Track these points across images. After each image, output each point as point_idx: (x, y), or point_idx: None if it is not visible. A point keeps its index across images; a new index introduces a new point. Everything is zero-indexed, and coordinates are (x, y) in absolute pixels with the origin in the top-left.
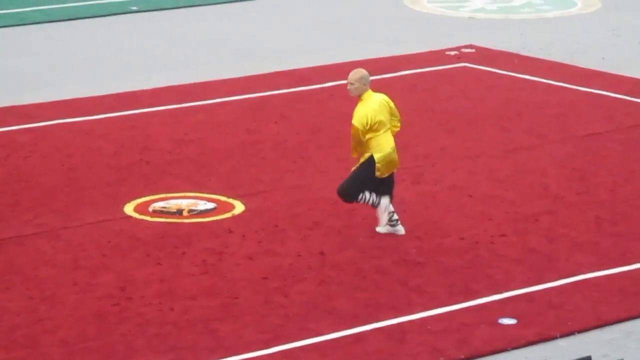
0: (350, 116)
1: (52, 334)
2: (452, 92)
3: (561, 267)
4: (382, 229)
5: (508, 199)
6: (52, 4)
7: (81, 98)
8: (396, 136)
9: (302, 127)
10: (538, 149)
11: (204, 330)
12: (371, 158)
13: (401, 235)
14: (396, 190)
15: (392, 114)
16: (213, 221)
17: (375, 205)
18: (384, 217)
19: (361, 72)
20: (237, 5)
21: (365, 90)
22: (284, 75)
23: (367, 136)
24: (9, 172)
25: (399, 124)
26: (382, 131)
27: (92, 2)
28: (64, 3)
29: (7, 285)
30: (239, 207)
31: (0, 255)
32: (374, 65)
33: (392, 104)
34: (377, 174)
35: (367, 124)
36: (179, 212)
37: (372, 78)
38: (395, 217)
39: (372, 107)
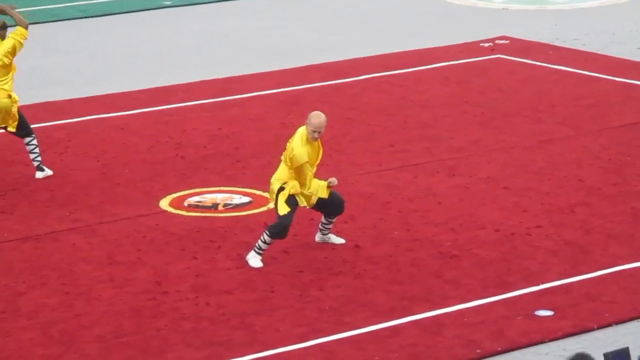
0: (383, 110)
1: (89, 329)
2: (485, 84)
3: (597, 258)
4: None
5: (543, 191)
6: (86, 0)
7: (115, 93)
8: (429, 128)
9: (336, 120)
10: (572, 140)
11: (239, 324)
12: None
13: (434, 229)
14: (431, 182)
15: None
16: (248, 215)
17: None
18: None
19: (323, 117)
20: (269, 0)
21: None
22: (317, 68)
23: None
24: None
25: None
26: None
27: None
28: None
29: (43, 281)
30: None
31: (36, 251)
32: (406, 58)
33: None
34: None
35: None
36: (214, 207)
37: (405, 71)
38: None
39: None
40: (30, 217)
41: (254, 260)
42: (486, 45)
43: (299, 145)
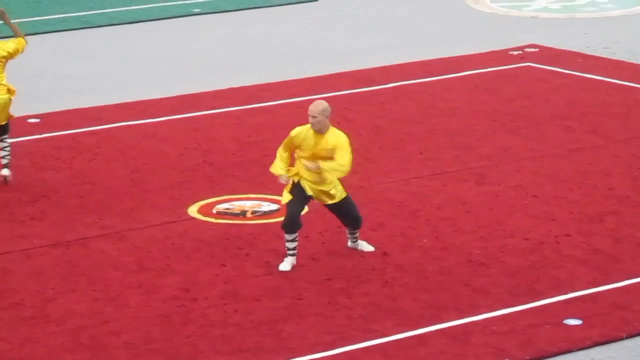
0: (412, 117)
1: (118, 335)
2: (515, 92)
3: (627, 267)
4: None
5: (572, 199)
6: (116, 7)
7: (144, 100)
8: (458, 136)
9: (365, 128)
10: (602, 149)
11: (268, 331)
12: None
13: (463, 237)
14: (460, 190)
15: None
16: (276, 222)
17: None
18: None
19: (323, 104)
20: (298, 7)
21: (328, 125)
22: (346, 76)
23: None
24: (74, 175)
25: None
26: None
27: (155, 4)
28: (127, 6)
29: (73, 287)
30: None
31: (65, 257)
32: (436, 66)
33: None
34: None
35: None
36: (243, 214)
37: (434, 78)
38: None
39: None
40: (60, 223)
41: (284, 263)
42: (515, 53)
43: (295, 129)
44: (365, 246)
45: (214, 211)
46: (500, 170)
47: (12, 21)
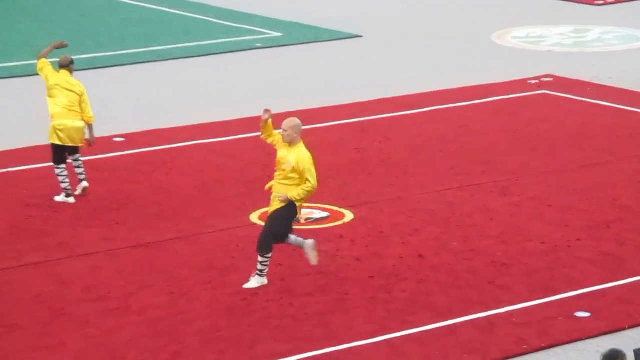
0: (444, 137)
1: (190, 324)
2: (533, 116)
3: (630, 267)
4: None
5: (583, 209)
6: (190, 42)
7: (213, 122)
8: (484, 153)
9: (403, 146)
10: (609, 165)
11: (318, 322)
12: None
13: (488, 241)
14: (486, 200)
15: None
16: (326, 228)
17: (302, 246)
18: (314, 254)
19: (295, 121)
20: (345, 41)
21: (298, 140)
22: (387, 101)
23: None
24: (152, 186)
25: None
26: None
27: (223, 40)
28: (199, 41)
29: (151, 283)
30: (348, 216)
31: (145, 257)
32: (464, 93)
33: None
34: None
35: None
36: (297, 220)
37: (463, 104)
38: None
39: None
40: (140, 228)
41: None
42: (533, 82)
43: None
44: (252, 281)
45: None
46: (520, 183)
47: (104, 54)
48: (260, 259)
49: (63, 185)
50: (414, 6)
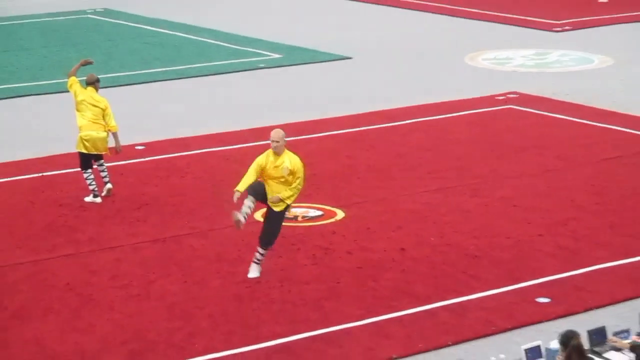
0: (424, 146)
1: (202, 309)
2: (500, 127)
3: (584, 259)
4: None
5: (544, 208)
6: (203, 63)
7: (223, 132)
8: (458, 160)
9: (388, 154)
10: (566, 170)
11: (314, 307)
12: (287, 206)
13: (461, 236)
14: (459, 201)
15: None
16: (321, 225)
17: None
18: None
19: (282, 132)
20: (338, 62)
21: (284, 149)
22: (375, 115)
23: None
24: (169, 188)
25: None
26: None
27: (231, 61)
28: (211, 62)
29: (168, 273)
30: (340, 214)
31: (162, 250)
32: (441, 107)
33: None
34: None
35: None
36: (295, 218)
37: (440, 117)
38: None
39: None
40: (159, 225)
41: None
42: (501, 98)
43: (259, 157)
44: (253, 270)
45: None
46: (489, 186)
47: (128, 73)
48: (261, 251)
49: (91, 187)
50: (398, 32)
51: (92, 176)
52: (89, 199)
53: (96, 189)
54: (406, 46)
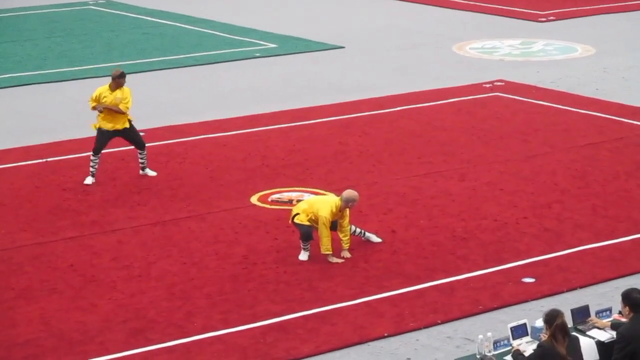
0: (413, 132)
1: (200, 289)
2: (487, 114)
3: (568, 240)
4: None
5: (528, 192)
6: (200, 52)
7: (219, 120)
8: (446, 146)
9: (378, 140)
10: (550, 155)
11: (307, 287)
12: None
13: (449, 219)
14: (447, 185)
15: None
16: None
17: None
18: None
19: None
20: (330, 52)
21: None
22: (366, 102)
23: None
24: (168, 173)
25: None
26: None
27: (227, 50)
28: (208, 51)
29: (168, 254)
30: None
31: (163, 233)
32: (430, 95)
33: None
34: None
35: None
36: (290, 201)
37: (428, 104)
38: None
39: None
40: (159, 208)
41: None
42: (487, 86)
43: (327, 211)
44: (374, 238)
45: (269, 200)
46: (476, 171)
47: (128, 62)
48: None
49: (91, 170)
50: (387, 23)
51: (97, 161)
52: (88, 180)
53: (94, 171)
54: (396, 36)
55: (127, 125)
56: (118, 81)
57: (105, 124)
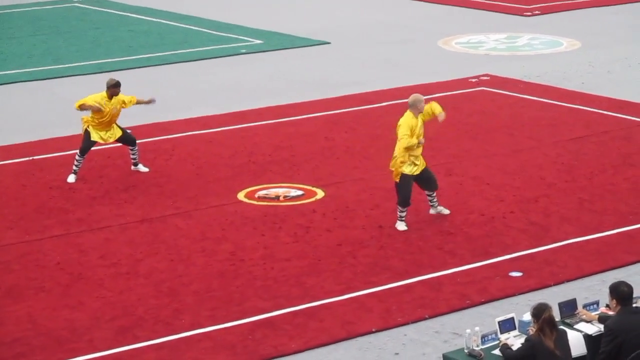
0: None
1: (187, 286)
2: (473, 109)
3: (554, 234)
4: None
5: (515, 186)
6: (186, 49)
7: (205, 116)
8: (433, 140)
9: (366, 136)
10: (536, 149)
11: (295, 283)
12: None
13: (436, 214)
14: None
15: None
16: (301, 204)
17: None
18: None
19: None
20: (316, 48)
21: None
22: (352, 98)
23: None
24: (155, 170)
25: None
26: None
27: (213, 47)
28: (194, 48)
29: (155, 251)
30: (320, 194)
31: (150, 230)
32: (416, 90)
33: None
34: None
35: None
36: (277, 198)
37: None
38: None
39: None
40: (146, 205)
41: (400, 225)
42: (473, 80)
43: (406, 121)
44: (443, 210)
45: (256, 196)
46: (463, 165)
47: (114, 59)
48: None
49: (74, 169)
50: (373, 18)
51: (82, 161)
52: (71, 178)
53: (77, 170)
54: (382, 31)
55: (117, 135)
56: (114, 90)
57: (95, 135)
